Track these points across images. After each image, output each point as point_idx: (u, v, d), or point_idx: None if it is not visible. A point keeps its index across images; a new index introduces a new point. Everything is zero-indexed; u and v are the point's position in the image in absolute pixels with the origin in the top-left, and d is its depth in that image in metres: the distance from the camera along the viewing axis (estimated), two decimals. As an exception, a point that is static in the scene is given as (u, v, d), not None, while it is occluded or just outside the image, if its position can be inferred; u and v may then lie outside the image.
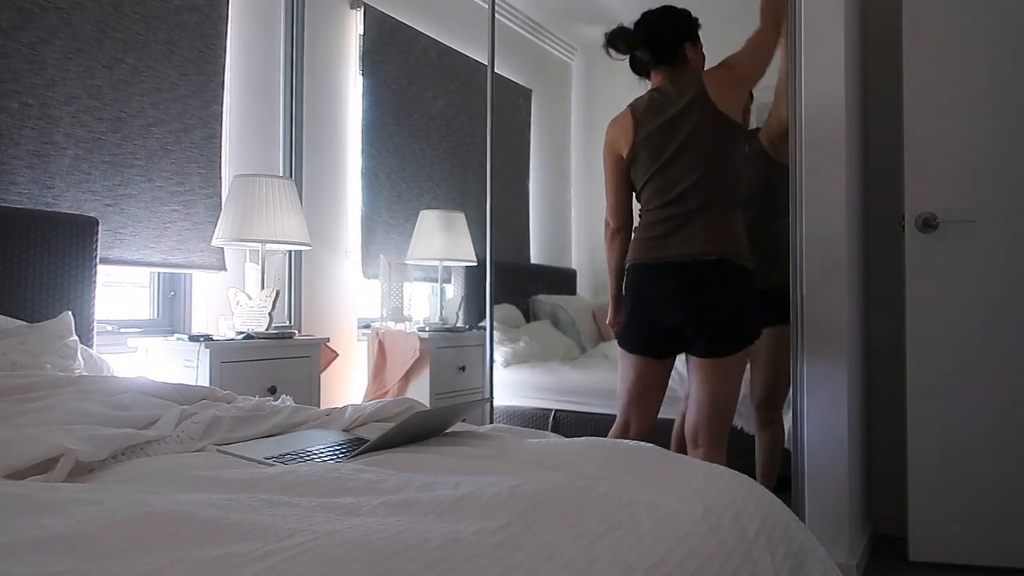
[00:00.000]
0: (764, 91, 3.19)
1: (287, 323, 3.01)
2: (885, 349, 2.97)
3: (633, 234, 2.28)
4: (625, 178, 2.29)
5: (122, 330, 2.59)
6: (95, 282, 2.26)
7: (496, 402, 3.14)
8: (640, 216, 2.26)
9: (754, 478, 2.38)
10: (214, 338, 2.49)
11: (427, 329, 3.23)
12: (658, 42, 2.28)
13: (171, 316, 2.80)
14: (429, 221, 3.38)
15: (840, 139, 2.42)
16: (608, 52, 2.34)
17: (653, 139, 2.20)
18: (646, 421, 2.30)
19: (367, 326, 3.37)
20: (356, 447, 1.41)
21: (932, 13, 2.66)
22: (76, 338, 2.01)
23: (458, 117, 3.75)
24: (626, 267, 2.27)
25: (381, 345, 3.19)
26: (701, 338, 2.13)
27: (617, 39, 2.32)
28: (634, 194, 2.30)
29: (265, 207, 2.56)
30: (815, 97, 2.44)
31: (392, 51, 3.49)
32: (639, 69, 2.35)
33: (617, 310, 2.38)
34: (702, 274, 2.12)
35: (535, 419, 3.20)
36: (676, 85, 2.23)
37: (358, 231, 3.40)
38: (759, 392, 2.62)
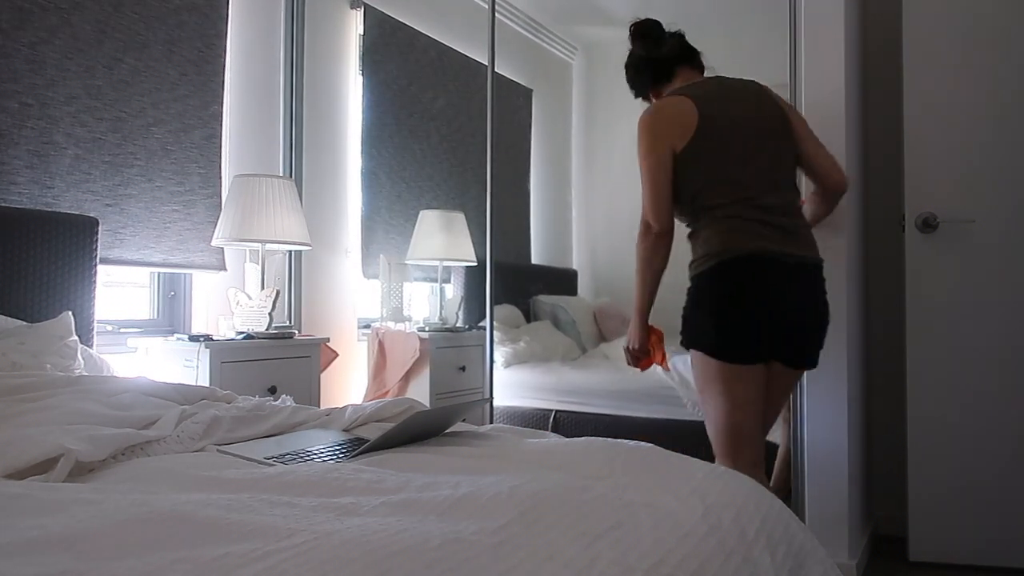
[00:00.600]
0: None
1: (287, 323, 3.01)
2: (885, 349, 2.98)
3: (706, 227, 1.96)
4: (673, 172, 2.00)
5: (122, 330, 2.59)
6: (95, 282, 2.26)
7: (496, 402, 3.14)
8: (700, 211, 1.98)
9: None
10: (214, 338, 2.49)
11: (427, 329, 3.23)
12: (685, 38, 2.16)
13: (171, 316, 2.80)
14: (429, 221, 3.38)
15: (840, 139, 2.42)
16: (636, 44, 2.16)
17: (724, 130, 1.98)
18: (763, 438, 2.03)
19: (367, 326, 3.37)
20: (356, 447, 1.41)
21: (932, 14, 2.66)
22: (76, 338, 2.01)
23: (458, 117, 3.75)
24: (718, 260, 1.91)
25: (381, 345, 3.19)
26: (807, 347, 1.97)
27: (650, 29, 2.14)
28: (684, 190, 2.00)
29: (265, 207, 2.56)
30: (815, 97, 2.44)
31: (392, 51, 3.49)
32: (664, 68, 2.14)
33: (646, 329, 2.10)
34: (814, 276, 1.97)
35: (535, 419, 3.19)
36: (732, 81, 2.09)
37: (358, 231, 3.40)
38: None
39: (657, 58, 2.16)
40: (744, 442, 1.95)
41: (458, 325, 3.40)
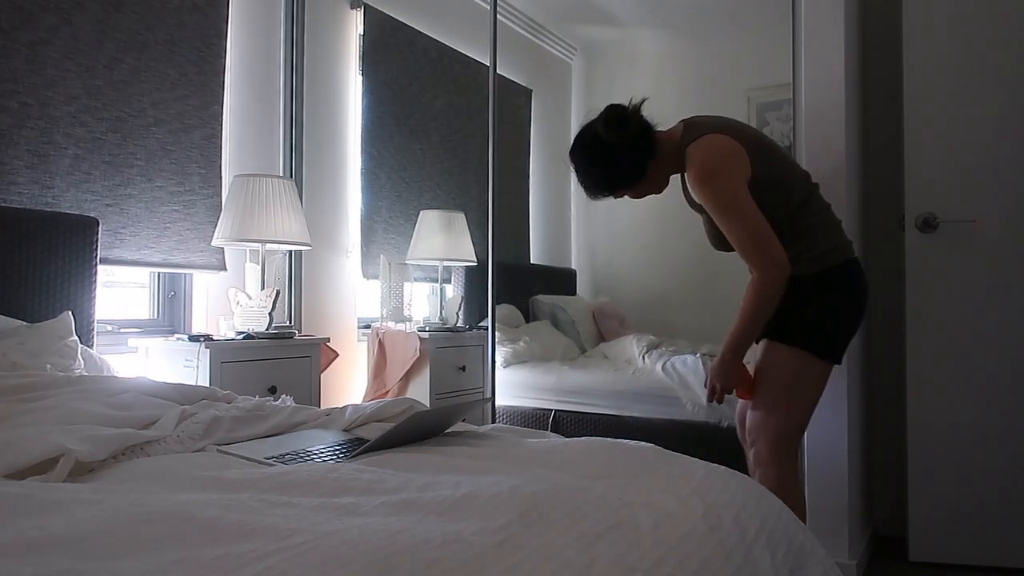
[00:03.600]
0: (768, 90, 3.19)
1: (287, 323, 3.01)
2: (885, 349, 2.98)
3: (814, 225, 1.95)
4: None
5: (122, 330, 2.59)
6: (95, 282, 2.26)
7: (496, 402, 3.14)
8: (802, 217, 1.95)
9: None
10: (214, 338, 2.49)
11: (427, 329, 3.23)
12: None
13: (171, 316, 2.80)
14: (429, 221, 3.38)
15: (840, 139, 2.42)
16: (616, 129, 1.96)
17: (768, 148, 1.97)
18: None
19: (367, 326, 3.37)
20: (356, 447, 1.41)
21: (932, 13, 2.65)
22: (76, 338, 2.01)
23: (458, 117, 3.75)
24: (844, 258, 1.95)
25: (381, 345, 3.19)
26: None
27: (618, 109, 1.98)
28: (780, 211, 1.92)
29: (265, 207, 2.56)
30: (815, 97, 2.44)
31: (392, 51, 3.49)
32: (650, 132, 2.01)
33: (743, 368, 1.97)
34: None
35: (535, 419, 3.19)
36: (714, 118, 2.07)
37: (358, 231, 3.40)
38: None
39: (643, 127, 1.99)
40: (799, 442, 2.01)
41: (458, 325, 3.40)
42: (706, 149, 1.89)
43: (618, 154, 1.97)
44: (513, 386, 3.30)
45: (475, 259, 3.41)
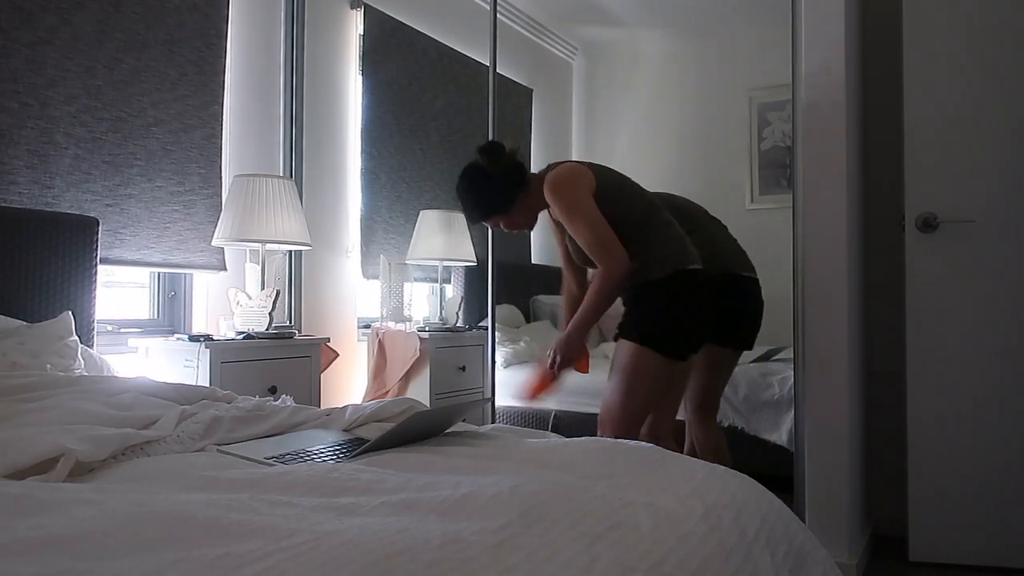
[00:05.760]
0: (769, 90, 3.19)
1: (287, 323, 3.01)
2: (885, 349, 2.97)
3: (656, 240, 2.19)
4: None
5: (122, 330, 2.59)
6: (95, 282, 2.26)
7: (496, 402, 3.14)
8: (647, 229, 2.20)
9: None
10: (214, 338, 2.49)
11: (427, 329, 3.23)
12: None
13: (171, 316, 2.80)
14: (429, 221, 3.38)
15: (840, 139, 2.42)
16: (490, 157, 2.29)
17: (615, 175, 2.28)
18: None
19: (367, 326, 3.37)
20: (356, 447, 1.41)
21: (932, 13, 2.65)
22: (76, 338, 2.01)
23: (458, 117, 3.75)
24: (674, 269, 2.16)
25: (381, 345, 3.18)
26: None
27: (495, 144, 2.32)
28: (627, 219, 2.20)
29: (265, 207, 2.56)
30: (815, 97, 2.44)
31: (392, 51, 3.49)
32: (522, 169, 2.32)
33: (584, 346, 2.32)
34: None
35: (535, 419, 3.19)
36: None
37: (358, 231, 3.40)
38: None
39: (516, 162, 2.27)
40: (638, 432, 2.26)
41: (458, 325, 3.40)
42: (558, 170, 2.23)
43: (492, 182, 2.26)
44: (513, 386, 3.30)
45: (475, 259, 3.41)
